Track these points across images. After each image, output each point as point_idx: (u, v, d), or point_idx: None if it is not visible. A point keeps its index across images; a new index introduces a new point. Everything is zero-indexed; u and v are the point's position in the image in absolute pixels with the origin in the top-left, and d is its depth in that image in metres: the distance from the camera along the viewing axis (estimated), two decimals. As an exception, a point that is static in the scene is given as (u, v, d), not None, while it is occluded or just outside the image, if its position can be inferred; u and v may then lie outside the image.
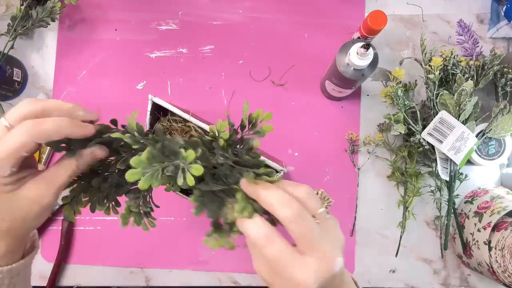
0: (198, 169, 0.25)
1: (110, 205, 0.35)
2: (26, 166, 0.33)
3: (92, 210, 0.34)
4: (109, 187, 0.34)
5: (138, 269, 0.64)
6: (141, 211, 0.34)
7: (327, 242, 0.29)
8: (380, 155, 0.65)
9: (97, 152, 0.33)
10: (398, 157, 0.63)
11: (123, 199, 0.35)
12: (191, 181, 0.25)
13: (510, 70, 0.59)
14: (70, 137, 0.30)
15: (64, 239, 0.62)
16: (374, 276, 0.64)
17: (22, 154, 0.29)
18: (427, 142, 0.57)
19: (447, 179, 0.58)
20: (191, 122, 0.51)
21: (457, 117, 0.57)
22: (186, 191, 0.42)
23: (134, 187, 0.35)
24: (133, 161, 0.25)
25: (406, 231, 0.63)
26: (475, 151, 0.59)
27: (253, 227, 0.28)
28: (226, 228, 0.31)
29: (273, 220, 0.30)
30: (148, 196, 0.34)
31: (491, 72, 0.58)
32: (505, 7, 0.62)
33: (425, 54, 0.59)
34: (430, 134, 0.57)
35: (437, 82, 0.58)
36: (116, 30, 0.68)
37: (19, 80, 0.66)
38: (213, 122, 0.54)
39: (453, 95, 0.56)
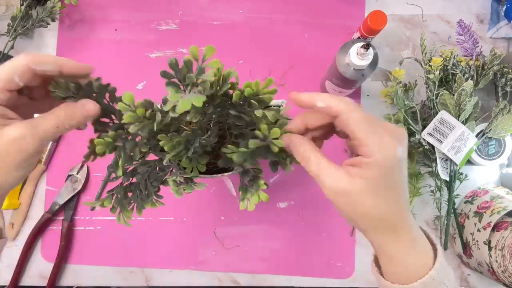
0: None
1: (153, 198, 0.35)
2: (23, 113, 0.30)
3: (140, 210, 0.34)
4: (144, 181, 0.35)
5: (138, 269, 0.64)
6: (183, 180, 0.35)
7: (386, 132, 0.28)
8: (380, 155, 0.65)
9: (88, 106, 0.30)
10: (398, 157, 0.63)
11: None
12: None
13: (510, 70, 0.59)
14: (65, 70, 0.29)
15: (64, 239, 0.62)
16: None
17: (15, 78, 0.27)
18: (427, 142, 0.57)
19: (447, 179, 0.58)
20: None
21: (457, 117, 0.57)
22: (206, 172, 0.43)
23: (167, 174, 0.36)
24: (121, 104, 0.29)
25: (406, 231, 0.63)
26: (475, 151, 0.59)
27: (339, 104, 0.29)
28: (252, 186, 0.34)
29: None
30: (179, 166, 0.35)
31: (491, 72, 0.58)
32: (505, 7, 0.62)
33: (425, 54, 0.59)
34: (430, 134, 0.57)
35: (437, 82, 0.58)
36: (116, 30, 0.68)
37: (19, 80, 0.65)
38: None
39: (453, 95, 0.56)
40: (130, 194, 0.35)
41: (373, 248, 0.33)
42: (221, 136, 0.38)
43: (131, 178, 0.35)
